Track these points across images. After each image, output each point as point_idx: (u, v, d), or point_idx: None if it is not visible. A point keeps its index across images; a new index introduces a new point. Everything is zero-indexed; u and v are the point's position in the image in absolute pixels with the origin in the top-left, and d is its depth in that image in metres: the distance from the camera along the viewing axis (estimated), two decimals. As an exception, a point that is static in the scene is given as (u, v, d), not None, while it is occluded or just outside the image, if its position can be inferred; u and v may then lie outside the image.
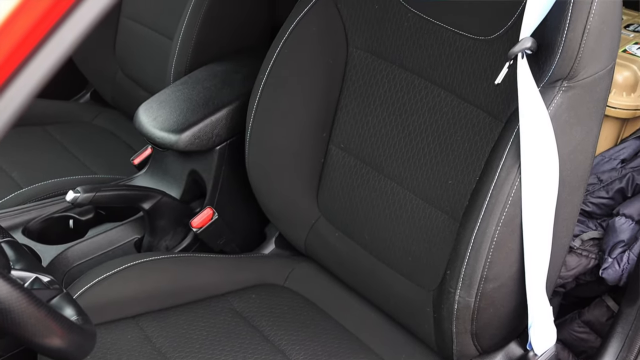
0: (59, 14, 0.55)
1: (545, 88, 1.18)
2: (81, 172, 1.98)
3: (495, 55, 1.30)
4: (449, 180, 1.40)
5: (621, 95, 1.61)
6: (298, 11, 1.55)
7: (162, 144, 1.66)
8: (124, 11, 2.16)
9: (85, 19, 0.56)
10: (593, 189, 1.61)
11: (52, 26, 0.55)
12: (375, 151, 1.51)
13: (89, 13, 0.55)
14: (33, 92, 0.63)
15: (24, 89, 0.61)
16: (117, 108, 2.31)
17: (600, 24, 1.12)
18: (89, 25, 0.56)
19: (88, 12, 0.55)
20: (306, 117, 1.59)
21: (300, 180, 1.63)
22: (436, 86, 1.41)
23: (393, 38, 1.46)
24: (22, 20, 0.55)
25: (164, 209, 1.68)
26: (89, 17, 0.56)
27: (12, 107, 0.62)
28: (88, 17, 0.55)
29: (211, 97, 1.74)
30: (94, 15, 0.56)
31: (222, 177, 1.74)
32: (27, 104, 0.65)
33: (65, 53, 0.58)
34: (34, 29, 0.56)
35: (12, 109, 0.63)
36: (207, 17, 1.86)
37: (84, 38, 0.57)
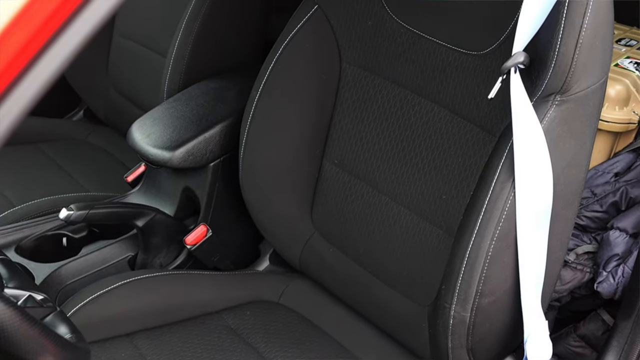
0: (52, 30, 0.55)
1: (539, 102, 1.18)
2: (74, 189, 1.98)
3: (488, 70, 1.30)
4: (443, 195, 1.39)
5: (614, 109, 1.61)
6: (291, 28, 1.55)
7: (155, 161, 1.66)
8: (116, 29, 2.17)
9: (78, 36, 0.56)
10: (587, 202, 1.61)
11: (44, 43, 0.55)
12: (369, 167, 1.51)
13: (83, 29, 0.55)
14: (26, 109, 0.63)
15: (17, 106, 0.60)
16: (111, 125, 2.31)
17: (592, 38, 1.13)
18: (82, 41, 0.56)
19: (81, 29, 0.55)
20: (300, 133, 1.59)
21: (294, 197, 1.63)
22: (429, 101, 1.41)
23: (386, 54, 1.46)
24: (15, 36, 0.55)
25: (158, 226, 1.68)
26: (82, 34, 0.55)
27: (4, 125, 0.62)
28: (81, 34, 0.55)
29: (204, 114, 1.74)
30: (88, 32, 0.56)
31: (215, 193, 1.73)
32: (20, 121, 0.65)
33: (58, 70, 0.58)
34: (26, 45, 0.55)
35: (4, 127, 0.63)
36: (200, 34, 1.86)
37: (78, 54, 0.57)
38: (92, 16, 0.54)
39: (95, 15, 0.55)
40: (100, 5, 0.54)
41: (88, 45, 0.62)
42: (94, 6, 0.54)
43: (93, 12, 0.54)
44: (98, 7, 0.54)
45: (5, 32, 0.55)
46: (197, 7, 1.84)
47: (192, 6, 1.85)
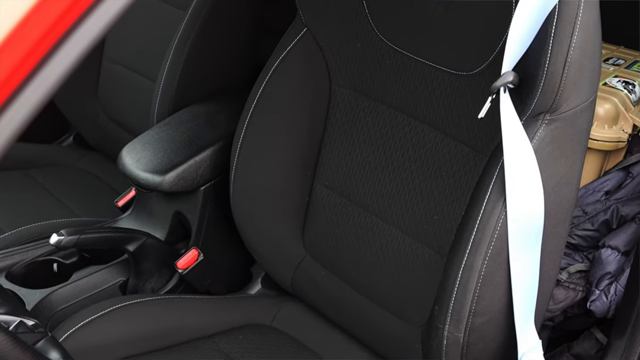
0: (41, 54, 0.55)
1: (528, 121, 1.18)
2: (65, 215, 1.97)
3: (477, 90, 1.31)
4: (435, 216, 1.40)
5: (603, 128, 1.62)
6: (280, 50, 1.56)
7: (146, 185, 1.65)
8: (106, 54, 2.17)
9: (68, 59, 0.56)
10: (578, 221, 1.61)
11: (33, 67, 0.55)
12: (360, 188, 1.51)
13: (72, 52, 0.55)
14: (15, 135, 0.63)
15: (6, 131, 0.60)
16: (101, 151, 2.31)
17: (580, 57, 1.13)
18: (72, 65, 0.56)
19: (71, 52, 0.55)
20: (290, 155, 1.59)
21: (285, 219, 1.62)
22: (419, 122, 1.41)
23: (376, 75, 1.46)
24: (3, 61, 0.55)
25: (149, 251, 1.67)
26: (72, 57, 0.55)
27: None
28: (71, 57, 0.55)
29: (195, 137, 1.74)
30: (78, 55, 0.56)
31: (207, 217, 1.73)
32: (9, 146, 0.64)
33: (47, 94, 0.58)
34: (15, 69, 0.55)
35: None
36: (189, 58, 1.86)
37: (67, 78, 0.57)
38: (82, 39, 0.54)
39: (85, 38, 0.55)
40: (90, 28, 0.54)
41: (78, 69, 0.62)
42: (83, 29, 0.54)
43: (83, 35, 0.54)
44: (88, 29, 0.54)
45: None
46: (187, 31, 1.85)
47: (181, 30, 1.85)
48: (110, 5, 0.58)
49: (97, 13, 0.55)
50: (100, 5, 0.55)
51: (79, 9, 0.54)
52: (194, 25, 1.84)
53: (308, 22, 1.53)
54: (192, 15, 1.85)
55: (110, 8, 0.55)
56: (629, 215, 1.59)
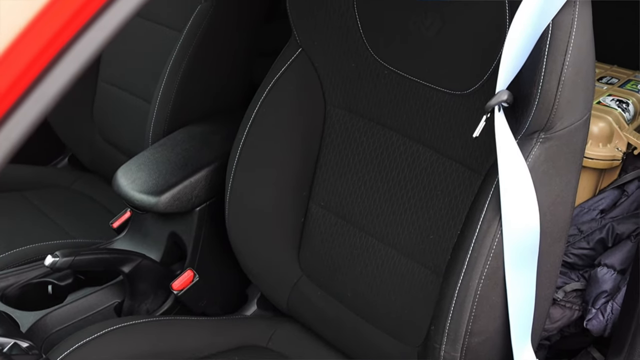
0: (37, 72, 0.55)
1: (523, 140, 1.18)
2: (60, 237, 1.96)
3: (472, 109, 1.31)
4: (431, 235, 1.39)
5: (597, 146, 1.62)
6: (275, 71, 1.56)
7: (141, 206, 1.65)
8: (101, 75, 2.17)
9: (65, 75, 0.55)
10: (574, 240, 1.61)
11: (27, 86, 0.55)
12: (356, 208, 1.51)
13: (67, 71, 0.55)
14: (9, 154, 0.63)
15: (0, 150, 0.60)
16: (96, 172, 2.30)
17: (574, 75, 1.14)
18: (67, 83, 0.56)
19: (66, 70, 0.55)
20: (286, 176, 1.59)
21: (281, 240, 1.62)
22: (414, 142, 1.41)
23: (370, 95, 1.47)
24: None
25: (144, 272, 1.67)
26: (66, 76, 0.55)
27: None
28: (66, 76, 0.55)
29: (190, 158, 1.74)
30: (72, 74, 0.56)
31: (202, 238, 1.73)
32: (2, 166, 0.64)
33: (41, 113, 0.58)
34: (10, 88, 0.55)
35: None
36: (184, 79, 1.86)
37: (62, 97, 0.57)
38: (77, 58, 0.54)
39: (80, 57, 0.55)
40: (85, 47, 0.54)
41: (73, 90, 0.61)
42: (78, 48, 0.54)
43: (77, 54, 0.54)
44: (82, 48, 0.54)
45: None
46: (182, 52, 1.85)
47: (176, 51, 1.86)
48: (105, 25, 0.58)
49: (91, 32, 0.55)
50: (95, 24, 0.55)
51: (74, 28, 0.54)
52: (189, 46, 1.85)
53: (303, 43, 1.53)
54: (187, 36, 1.85)
55: (104, 27, 0.55)
56: (624, 233, 1.59)
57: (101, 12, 0.55)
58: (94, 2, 0.55)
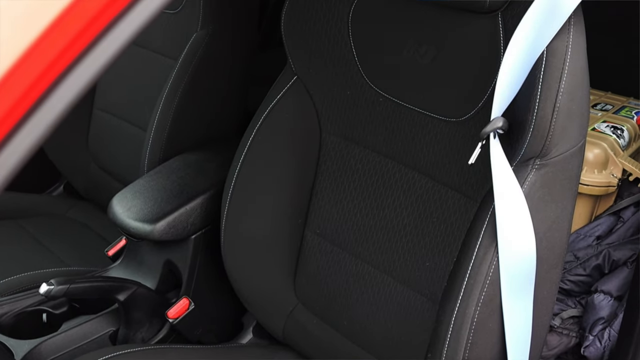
0: (33, 100, 0.55)
1: (518, 167, 1.18)
2: (55, 265, 1.96)
3: (467, 136, 1.31)
4: (427, 263, 1.39)
5: (593, 173, 1.62)
6: (271, 98, 1.56)
7: (136, 234, 1.65)
8: (96, 103, 2.17)
9: (61, 103, 0.55)
10: (570, 266, 1.61)
11: (23, 114, 0.55)
12: (352, 236, 1.51)
13: (63, 99, 0.55)
14: (5, 181, 0.63)
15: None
16: (91, 200, 2.30)
17: (569, 102, 1.14)
18: (63, 111, 0.56)
19: (62, 98, 0.55)
20: (281, 203, 1.59)
21: (276, 268, 1.62)
22: (410, 169, 1.41)
23: (365, 123, 1.47)
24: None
25: (140, 300, 1.66)
26: (63, 103, 0.55)
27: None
28: (63, 103, 0.55)
29: (186, 186, 1.74)
30: (68, 103, 0.56)
31: (197, 266, 1.72)
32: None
33: (38, 141, 0.58)
34: (6, 116, 0.55)
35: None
36: (180, 107, 1.86)
37: (58, 125, 0.57)
38: (73, 86, 0.54)
39: (76, 85, 0.55)
40: (81, 76, 0.54)
41: (68, 118, 0.61)
42: (73, 76, 0.54)
43: (73, 83, 0.54)
44: (78, 76, 0.54)
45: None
46: (177, 80, 1.85)
47: (172, 79, 1.86)
48: (101, 53, 0.58)
49: (87, 60, 0.55)
50: (91, 52, 0.55)
51: (70, 56, 0.54)
52: (185, 74, 1.85)
53: (298, 71, 1.54)
54: (183, 64, 1.86)
55: (100, 56, 0.55)
56: (620, 259, 1.59)
57: (97, 40, 0.55)
58: (90, 31, 0.55)
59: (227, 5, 1.86)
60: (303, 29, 1.50)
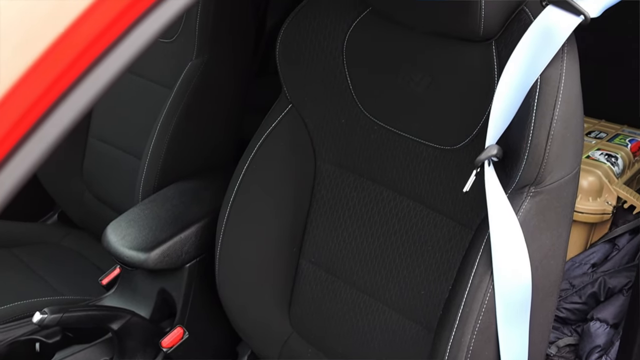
0: (27, 128, 0.55)
1: (513, 194, 1.18)
2: (48, 294, 1.95)
3: (462, 164, 1.31)
4: (422, 291, 1.39)
5: (587, 200, 1.63)
6: (266, 127, 1.56)
7: (130, 263, 1.64)
8: (91, 132, 2.17)
9: (52, 133, 0.55)
10: (566, 294, 1.61)
11: (17, 141, 0.55)
12: (346, 264, 1.50)
13: (57, 126, 0.55)
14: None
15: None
16: (85, 229, 2.29)
17: (563, 130, 1.14)
18: (56, 139, 0.56)
19: (56, 126, 0.55)
20: (276, 232, 1.58)
21: (271, 297, 1.61)
22: (405, 197, 1.41)
23: (360, 151, 1.47)
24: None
25: (133, 329, 1.65)
26: (56, 131, 0.55)
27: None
28: (56, 131, 0.55)
29: (180, 214, 1.74)
30: (62, 129, 0.56)
31: (192, 295, 1.71)
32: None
33: (32, 168, 0.58)
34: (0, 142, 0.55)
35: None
36: (175, 136, 1.86)
37: (52, 152, 0.57)
38: (67, 113, 0.54)
39: (70, 112, 0.55)
40: (75, 103, 0.54)
41: (63, 146, 0.61)
42: (67, 104, 0.54)
43: (67, 110, 0.54)
44: (72, 104, 0.54)
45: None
46: (172, 109, 1.85)
47: (167, 108, 1.86)
48: (95, 81, 0.58)
49: (82, 88, 0.55)
50: (86, 80, 0.55)
51: (64, 83, 0.54)
52: (180, 103, 1.85)
53: (293, 99, 1.54)
54: (178, 92, 1.86)
55: (94, 84, 0.55)
56: (616, 287, 1.59)
57: (92, 67, 0.55)
58: (84, 59, 0.55)
59: (222, 33, 1.87)
60: (298, 57, 1.50)
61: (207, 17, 1.83)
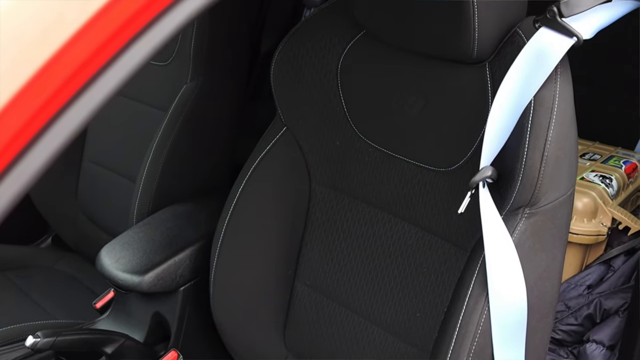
0: (20, 146, 0.54)
1: (508, 215, 1.18)
2: (42, 317, 1.93)
3: (456, 185, 1.31)
4: (417, 313, 1.38)
5: (582, 222, 1.63)
6: (260, 149, 1.56)
7: (125, 286, 1.64)
8: (86, 155, 2.17)
9: (45, 152, 0.55)
10: (561, 316, 1.60)
11: (10, 160, 0.55)
12: (341, 286, 1.50)
13: (51, 145, 0.55)
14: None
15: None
16: (79, 252, 2.28)
17: (557, 151, 1.14)
18: (49, 159, 0.56)
19: (49, 145, 0.55)
20: (271, 254, 1.58)
21: (266, 319, 1.60)
22: (400, 219, 1.41)
23: (355, 173, 1.47)
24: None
25: (127, 353, 1.64)
26: (49, 151, 0.55)
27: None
28: (48, 151, 0.55)
29: (175, 237, 1.73)
30: (56, 148, 0.56)
31: (186, 318, 1.70)
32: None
33: (24, 188, 0.58)
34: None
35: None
36: (169, 159, 1.86)
37: (43, 173, 0.57)
38: (60, 134, 0.54)
39: (64, 133, 0.55)
40: (67, 123, 0.54)
41: (58, 169, 0.61)
42: (60, 125, 0.54)
43: (60, 130, 0.54)
44: (66, 123, 0.54)
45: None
46: (167, 132, 1.86)
47: (161, 131, 1.86)
48: (88, 102, 0.58)
49: (75, 107, 0.55)
50: (78, 100, 0.55)
51: (58, 103, 0.54)
52: (174, 126, 1.85)
53: (288, 122, 1.54)
54: (173, 115, 1.86)
55: (88, 104, 0.55)
56: (612, 308, 1.59)
57: (86, 86, 0.55)
58: (78, 78, 0.55)
59: (217, 56, 1.88)
60: (292, 80, 1.51)
61: (201, 40, 1.84)
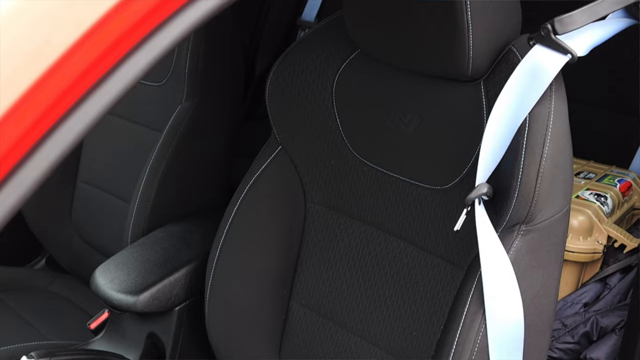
0: (15, 161, 0.54)
1: (504, 233, 1.18)
2: (36, 339, 1.92)
3: (452, 203, 1.31)
4: (414, 332, 1.38)
5: (578, 240, 1.63)
6: (255, 168, 1.56)
7: (119, 306, 1.63)
8: (80, 176, 2.17)
9: (39, 168, 0.55)
10: (558, 334, 1.60)
11: (6, 174, 0.54)
12: (337, 306, 1.49)
13: (46, 159, 0.55)
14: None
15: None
16: (74, 274, 2.28)
17: (552, 168, 1.15)
18: (43, 174, 0.56)
19: (44, 159, 0.55)
20: (266, 274, 1.57)
21: (261, 340, 1.60)
22: (396, 238, 1.41)
23: (350, 192, 1.47)
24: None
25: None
26: (41, 168, 0.55)
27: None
28: (40, 168, 0.55)
29: (169, 257, 1.73)
30: (51, 163, 0.55)
31: (181, 338, 1.70)
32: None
33: (17, 204, 0.57)
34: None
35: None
36: (164, 180, 1.86)
37: (35, 190, 0.56)
38: (56, 146, 0.54)
39: (56, 149, 0.55)
40: (66, 134, 0.54)
41: (50, 189, 0.61)
42: (60, 133, 0.54)
43: (56, 142, 0.54)
44: (64, 134, 0.54)
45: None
46: (161, 152, 1.85)
47: (156, 152, 1.86)
48: (80, 118, 0.58)
49: (70, 122, 0.55)
50: (71, 116, 0.55)
51: (52, 118, 0.54)
52: (169, 146, 1.85)
53: (283, 141, 1.54)
54: (167, 136, 1.86)
55: (84, 117, 0.55)
56: (609, 326, 1.58)
57: (82, 100, 0.55)
58: (74, 92, 0.55)
59: (212, 77, 1.88)
60: (287, 99, 1.51)
61: (196, 61, 1.84)
